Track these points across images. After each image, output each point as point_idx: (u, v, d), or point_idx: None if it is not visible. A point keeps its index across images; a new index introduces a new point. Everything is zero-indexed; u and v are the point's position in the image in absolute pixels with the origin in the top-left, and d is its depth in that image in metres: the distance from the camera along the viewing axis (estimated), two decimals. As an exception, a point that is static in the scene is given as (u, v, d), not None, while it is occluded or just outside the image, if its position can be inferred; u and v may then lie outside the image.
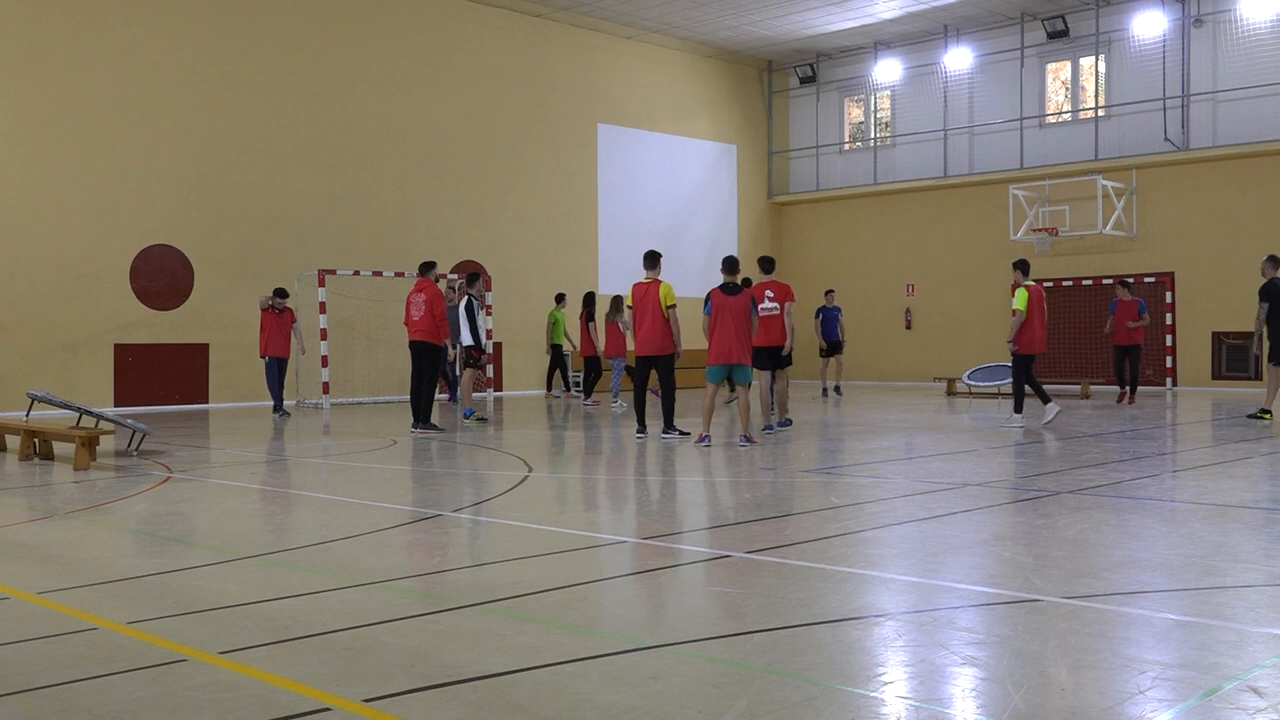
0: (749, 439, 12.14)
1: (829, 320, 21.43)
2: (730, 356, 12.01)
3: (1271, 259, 14.93)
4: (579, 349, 21.01)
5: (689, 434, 12.90)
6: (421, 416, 14.37)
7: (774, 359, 13.53)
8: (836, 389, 21.85)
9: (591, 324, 19.91)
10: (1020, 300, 14.16)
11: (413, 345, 14.54)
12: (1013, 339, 14.30)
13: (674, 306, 12.84)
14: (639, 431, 13.20)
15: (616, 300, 19.23)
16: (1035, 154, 25.62)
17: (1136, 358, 19.34)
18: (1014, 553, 6.14)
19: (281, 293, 17.78)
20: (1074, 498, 8.11)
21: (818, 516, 7.60)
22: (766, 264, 13.82)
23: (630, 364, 20.37)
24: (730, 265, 12.30)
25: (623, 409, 18.46)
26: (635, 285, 13.12)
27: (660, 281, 12.93)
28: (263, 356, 17.81)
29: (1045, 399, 14.32)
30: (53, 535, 7.33)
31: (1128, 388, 19.33)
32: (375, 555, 6.47)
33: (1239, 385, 22.75)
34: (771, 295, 13.31)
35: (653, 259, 13.15)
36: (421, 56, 23.02)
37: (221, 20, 20.47)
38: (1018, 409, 14.53)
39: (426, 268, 15.03)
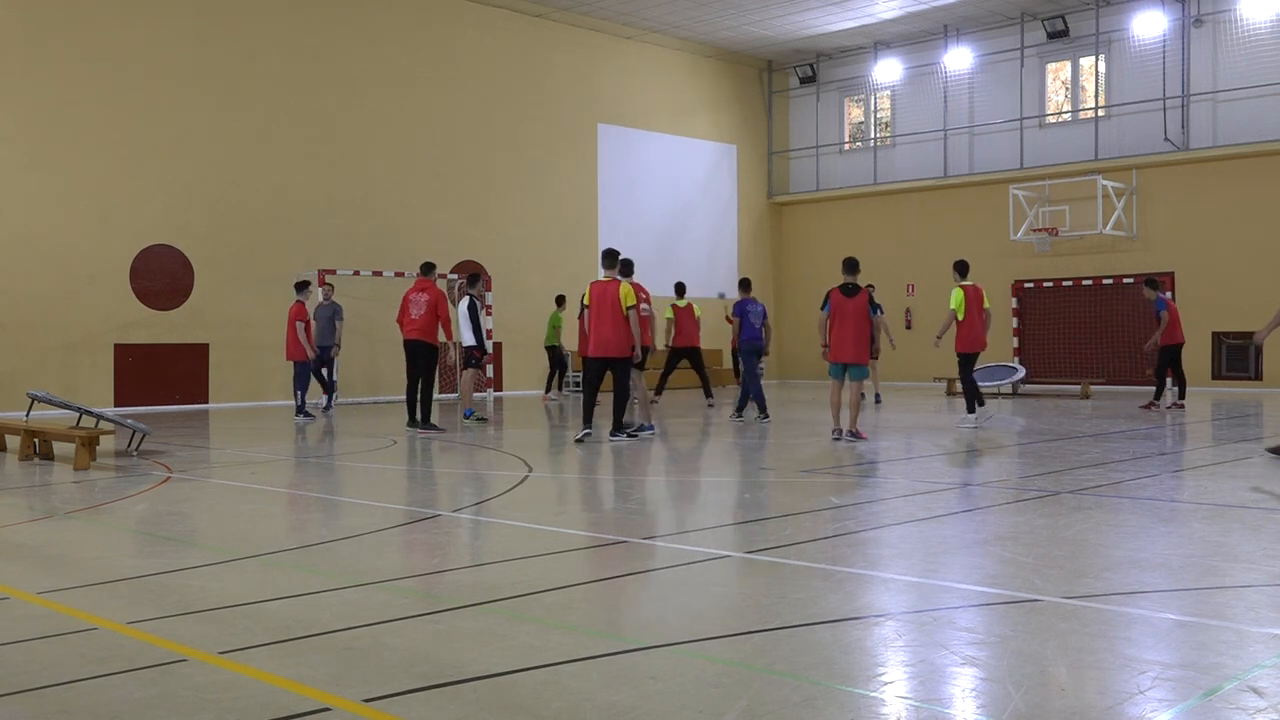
0: (856, 434, 12.43)
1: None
2: (847, 355, 12.42)
3: None
4: (577, 349, 21.06)
5: (636, 436, 12.76)
6: (423, 416, 14.36)
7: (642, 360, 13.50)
8: (875, 396, 19.80)
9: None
10: (954, 299, 14.50)
11: (409, 344, 14.48)
12: (940, 335, 14.71)
13: (634, 307, 12.47)
14: (638, 431, 13.02)
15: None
16: (1035, 154, 25.62)
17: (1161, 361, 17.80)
18: (1014, 553, 6.14)
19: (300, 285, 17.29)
20: (1074, 498, 8.11)
21: (818, 516, 7.60)
22: (627, 267, 13.58)
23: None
24: (851, 266, 12.66)
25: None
26: (593, 284, 12.74)
27: (620, 281, 12.55)
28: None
29: (971, 407, 14.55)
30: (53, 535, 7.33)
31: (1174, 390, 17.93)
32: (375, 555, 6.47)
33: (1239, 385, 22.74)
34: (642, 298, 13.46)
35: (611, 258, 12.74)
36: (421, 56, 23.02)
37: (222, 21, 20.47)
38: (980, 403, 14.53)
39: (428, 268, 15.09)
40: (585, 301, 12.73)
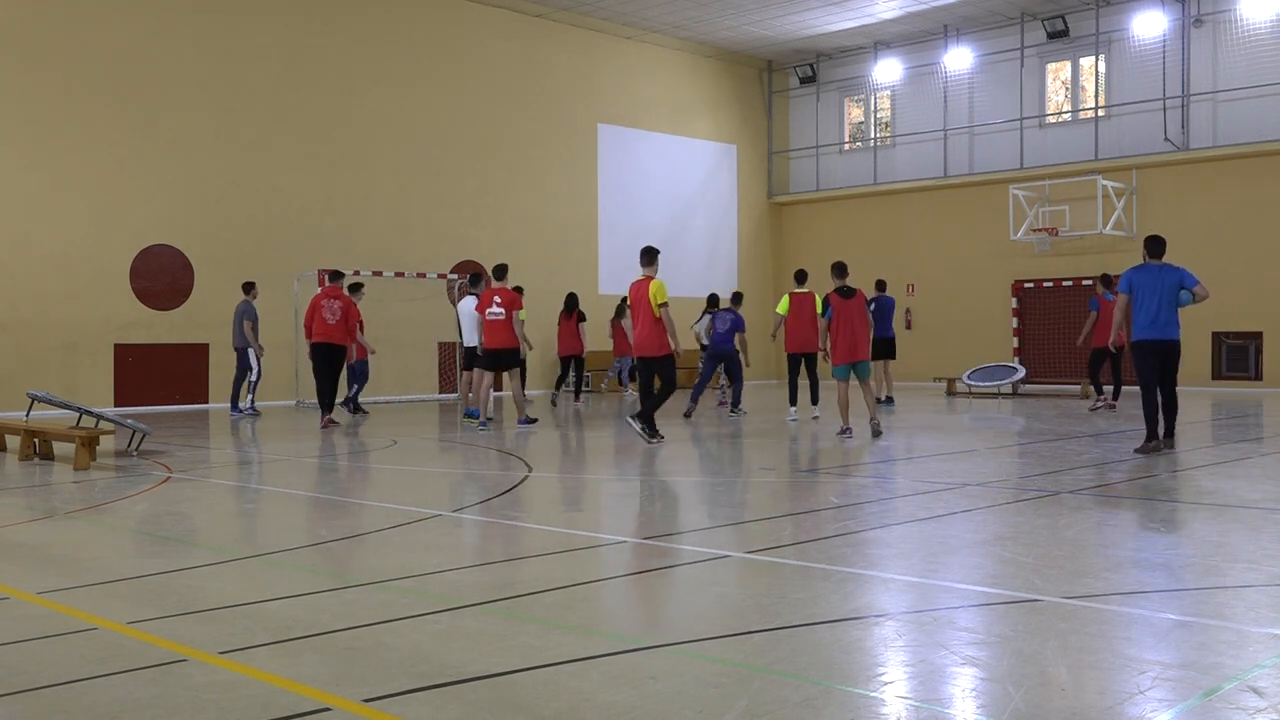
0: (877, 427, 13.07)
1: (882, 314, 18.34)
2: (855, 355, 12.92)
3: None
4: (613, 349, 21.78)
5: (663, 437, 12.52)
6: (327, 407, 15.31)
7: (500, 360, 14.40)
8: (888, 398, 18.77)
9: (582, 324, 19.86)
10: (781, 305, 16.10)
11: (322, 348, 15.27)
12: (774, 334, 16.42)
13: (665, 305, 12.26)
14: (653, 436, 12.59)
15: (622, 303, 20.18)
16: (1035, 154, 25.62)
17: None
18: (1014, 553, 6.14)
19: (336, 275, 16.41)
20: (1074, 498, 8.11)
21: (818, 516, 7.60)
22: (500, 271, 14.82)
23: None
24: (841, 270, 13.27)
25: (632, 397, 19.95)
26: (632, 284, 12.69)
27: (652, 279, 12.40)
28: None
29: (793, 401, 15.95)
30: (53, 535, 7.33)
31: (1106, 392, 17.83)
32: (375, 555, 6.47)
33: (1239, 385, 22.75)
34: (499, 301, 14.29)
35: (649, 255, 12.60)
36: (421, 56, 23.02)
37: (222, 20, 20.47)
38: (792, 401, 15.97)
39: (336, 276, 15.89)
40: (627, 301, 12.87)
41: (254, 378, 17.83)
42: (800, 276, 16.40)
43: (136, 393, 19.40)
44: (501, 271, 14.80)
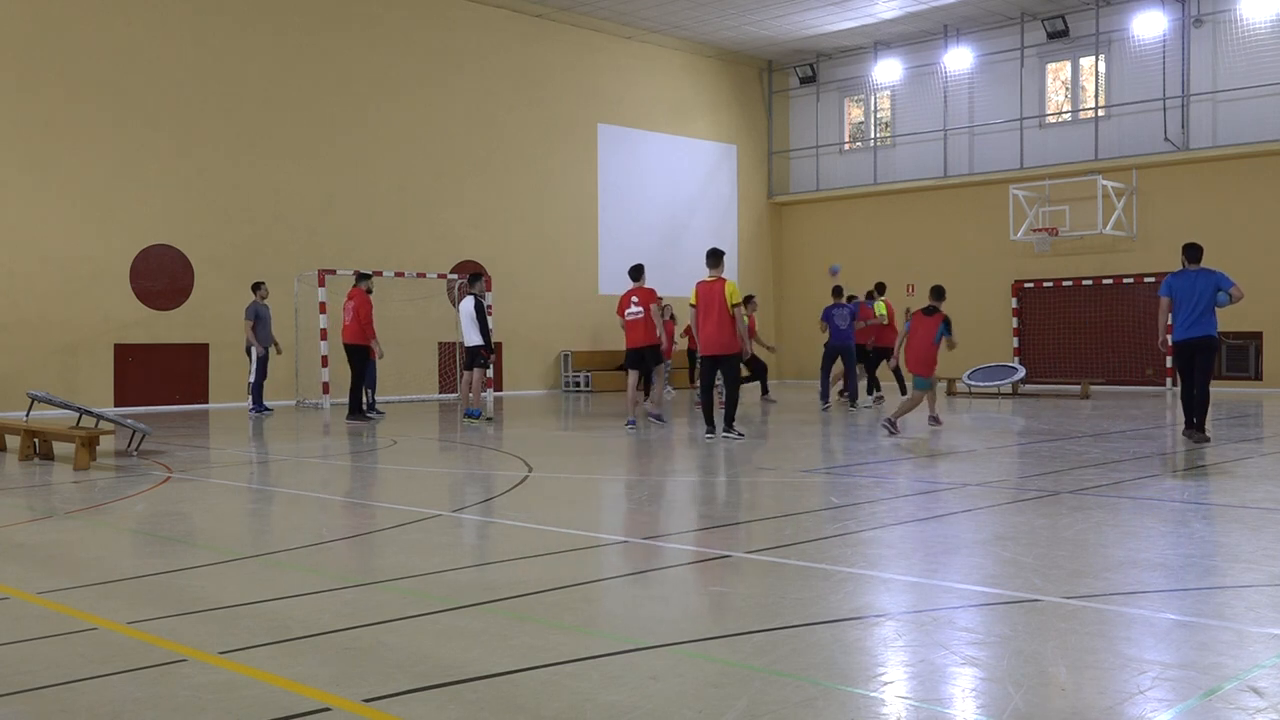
0: (937, 419, 14.10)
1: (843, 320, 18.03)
2: (915, 369, 13.67)
3: None
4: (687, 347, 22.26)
5: (744, 435, 12.84)
6: (353, 407, 16.36)
7: (643, 358, 14.57)
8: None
9: None
10: (879, 307, 17.68)
11: (345, 347, 16.52)
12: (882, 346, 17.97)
13: (739, 305, 12.62)
14: (708, 433, 12.86)
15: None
16: (1035, 154, 25.62)
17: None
18: (1014, 553, 6.14)
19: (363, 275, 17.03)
20: (1074, 498, 8.11)
21: (818, 516, 7.60)
22: (636, 272, 14.98)
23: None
24: (936, 292, 14.01)
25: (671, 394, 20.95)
26: (699, 283, 12.89)
27: (725, 280, 12.69)
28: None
29: (870, 390, 18.05)
30: (53, 535, 7.33)
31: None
32: (375, 555, 6.47)
33: (1239, 385, 22.75)
34: (637, 300, 14.56)
35: (716, 257, 12.95)
36: (421, 56, 23.02)
37: (221, 20, 20.47)
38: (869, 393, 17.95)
39: (362, 278, 16.79)
40: (692, 302, 12.97)
41: (252, 378, 17.95)
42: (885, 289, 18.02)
43: (136, 393, 19.40)
44: (638, 272, 15.00)
